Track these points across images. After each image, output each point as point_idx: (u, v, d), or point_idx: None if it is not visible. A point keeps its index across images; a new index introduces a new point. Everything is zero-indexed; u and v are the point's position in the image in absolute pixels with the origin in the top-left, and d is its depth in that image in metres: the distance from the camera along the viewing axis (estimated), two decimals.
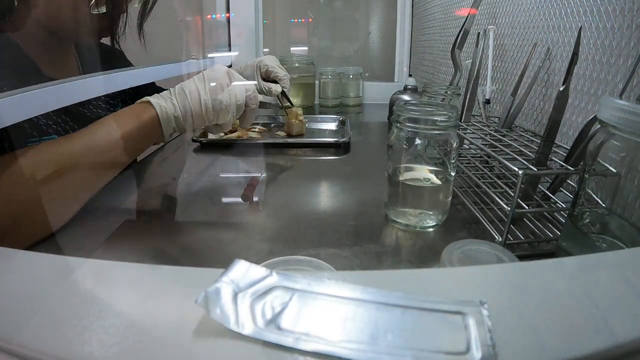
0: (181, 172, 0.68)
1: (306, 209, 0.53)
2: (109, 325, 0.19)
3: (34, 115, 0.42)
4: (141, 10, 0.63)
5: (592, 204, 0.32)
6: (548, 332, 0.19)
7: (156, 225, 0.50)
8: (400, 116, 0.43)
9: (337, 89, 1.22)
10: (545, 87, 0.61)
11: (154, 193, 0.60)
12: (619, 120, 0.28)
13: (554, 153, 0.47)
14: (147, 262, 0.24)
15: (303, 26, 1.52)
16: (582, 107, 0.52)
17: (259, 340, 0.18)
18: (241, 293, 0.20)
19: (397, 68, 1.36)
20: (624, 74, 0.45)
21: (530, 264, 0.25)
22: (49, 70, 0.56)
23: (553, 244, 0.41)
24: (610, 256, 0.27)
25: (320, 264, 0.31)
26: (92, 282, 0.23)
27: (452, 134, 0.43)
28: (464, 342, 0.17)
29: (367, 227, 0.47)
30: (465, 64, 0.77)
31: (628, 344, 0.18)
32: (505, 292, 0.22)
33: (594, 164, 0.31)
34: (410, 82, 1.02)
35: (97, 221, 0.49)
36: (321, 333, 0.18)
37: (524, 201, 0.41)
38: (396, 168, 0.46)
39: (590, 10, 0.51)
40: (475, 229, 0.46)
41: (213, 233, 0.47)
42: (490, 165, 0.59)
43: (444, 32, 1.07)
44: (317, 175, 0.67)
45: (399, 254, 0.42)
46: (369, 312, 0.19)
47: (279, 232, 0.46)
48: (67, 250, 0.43)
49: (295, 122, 0.84)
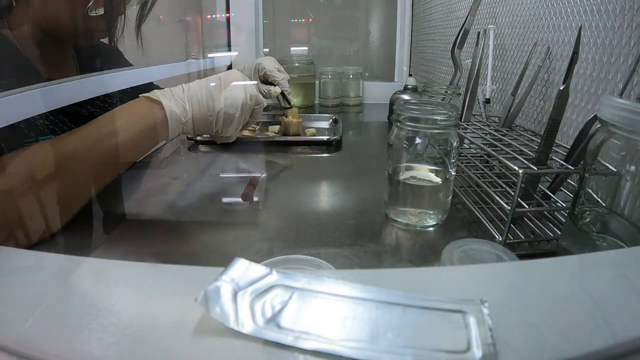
0: (179, 171, 0.68)
1: (305, 208, 0.53)
2: (109, 324, 0.19)
3: (32, 115, 0.42)
4: (139, 12, 0.63)
5: (592, 203, 0.32)
6: (548, 330, 0.19)
7: (156, 224, 0.50)
8: (401, 115, 0.43)
9: (337, 88, 1.22)
10: (545, 86, 0.61)
11: (153, 192, 0.60)
12: (619, 119, 0.28)
13: (554, 152, 0.47)
14: (146, 261, 0.24)
15: (303, 26, 1.52)
16: (583, 106, 0.52)
17: (259, 339, 0.18)
18: (241, 292, 0.20)
19: (397, 68, 1.36)
20: (624, 73, 0.45)
21: (530, 263, 0.25)
22: (48, 71, 0.56)
23: (553, 243, 0.41)
24: (611, 255, 0.27)
25: (320, 263, 0.31)
26: (92, 280, 0.23)
27: (452, 133, 0.43)
28: (465, 341, 0.17)
29: (367, 226, 0.47)
30: (465, 64, 0.77)
31: (628, 342, 0.18)
32: (505, 291, 0.22)
33: (594, 163, 0.31)
34: (411, 82, 1.02)
35: (97, 221, 0.49)
36: (321, 331, 0.18)
37: (524, 200, 0.41)
38: (396, 167, 0.46)
39: (591, 9, 0.51)
40: (475, 228, 0.46)
41: (213, 232, 0.47)
42: (490, 165, 0.59)
43: (444, 31, 1.07)
44: (314, 173, 0.67)
45: (399, 254, 0.42)
46: (369, 310, 0.19)
47: (278, 231, 0.46)
48: (67, 250, 0.43)
49: (293, 122, 0.85)
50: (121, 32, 0.61)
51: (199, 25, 1.30)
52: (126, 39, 0.64)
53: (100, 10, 0.54)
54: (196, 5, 1.30)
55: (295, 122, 0.85)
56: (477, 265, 0.30)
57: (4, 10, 0.53)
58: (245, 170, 0.70)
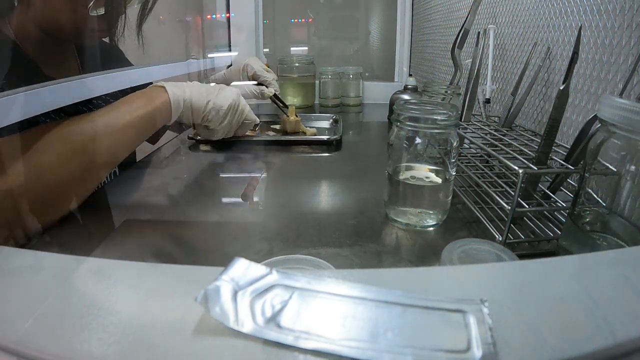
0: (179, 171, 0.68)
1: (305, 208, 0.53)
2: (109, 324, 0.19)
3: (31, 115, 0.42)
4: (140, 12, 0.63)
5: (592, 203, 0.32)
6: (548, 330, 0.19)
7: (156, 224, 0.50)
8: (401, 115, 0.43)
9: (337, 88, 1.22)
10: (545, 86, 0.61)
11: (154, 192, 0.60)
12: (619, 119, 0.28)
13: (554, 152, 0.47)
14: (146, 261, 0.24)
15: (303, 26, 1.52)
16: (583, 106, 0.52)
17: (259, 339, 0.18)
18: (241, 291, 0.20)
19: (397, 68, 1.36)
20: (624, 72, 0.45)
21: (530, 263, 0.25)
22: (49, 70, 0.57)
23: (553, 243, 0.41)
24: (611, 255, 0.27)
25: (320, 262, 0.30)
26: (92, 280, 0.23)
27: (452, 133, 0.43)
28: (465, 341, 0.17)
29: (367, 226, 0.47)
30: (465, 64, 0.77)
31: (628, 342, 0.18)
32: (505, 290, 0.22)
33: (594, 162, 0.31)
34: (411, 82, 1.02)
35: (97, 220, 0.49)
36: (321, 331, 0.18)
37: (525, 200, 0.41)
38: (396, 167, 0.46)
39: (591, 9, 0.51)
40: (475, 228, 0.46)
41: (213, 232, 0.47)
42: (490, 165, 0.59)
43: (444, 31, 1.07)
44: (314, 173, 0.67)
45: (399, 253, 0.42)
46: (369, 310, 0.19)
47: (278, 231, 0.46)
48: (67, 249, 0.43)
49: (291, 120, 0.85)
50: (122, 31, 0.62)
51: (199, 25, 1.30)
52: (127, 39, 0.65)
53: (101, 10, 0.54)
54: (196, 5, 1.30)
55: (293, 119, 0.85)
56: (477, 265, 0.30)
57: (6, 10, 0.54)
58: (245, 170, 0.70)
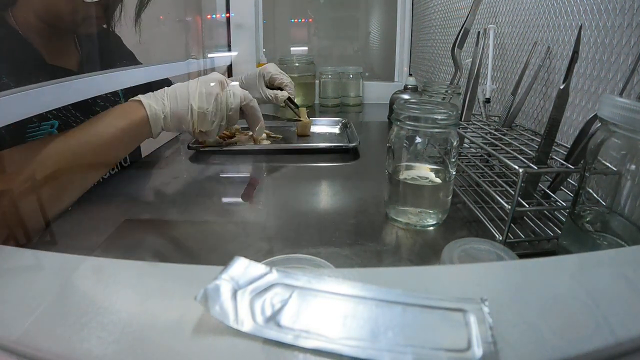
0: (179, 171, 0.68)
1: (305, 207, 0.53)
2: (108, 323, 0.19)
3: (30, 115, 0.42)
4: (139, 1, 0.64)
5: (592, 203, 0.32)
6: (549, 329, 0.19)
7: (156, 224, 0.50)
8: (401, 115, 0.43)
9: (337, 88, 1.22)
10: (545, 85, 0.61)
11: (154, 192, 0.60)
12: (620, 118, 0.28)
13: (555, 152, 0.47)
14: (146, 261, 0.24)
15: (303, 26, 1.52)
16: (583, 105, 0.52)
17: (259, 338, 0.18)
18: (241, 290, 0.20)
19: (397, 67, 1.36)
20: (624, 72, 0.45)
21: (531, 262, 0.25)
22: (52, 58, 0.58)
23: (554, 242, 0.41)
24: (611, 254, 0.27)
25: (320, 262, 0.30)
26: (91, 280, 0.23)
27: (453, 132, 0.43)
28: (465, 339, 0.17)
29: (367, 225, 0.47)
30: (465, 63, 0.77)
31: (628, 341, 0.18)
32: (506, 289, 0.22)
33: (595, 162, 0.31)
34: (411, 82, 1.02)
35: (97, 220, 0.49)
36: (321, 330, 0.18)
37: (525, 200, 0.40)
38: (396, 167, 0.46)
39: (590, 8, 0.51)
40: (475, 227, 0.46)
41: (213, 232, 0.47)
42: (490, 164, 0.59)
43: (444, 31, 1.07)
44: (314, 173, 0.67)
45: (399, 253, 0.41)
46: (369, 309, 0.19)
47: (278, 230, 0.46)
48: (67, 249, 0.43)
49: (302, 123, 0.85)
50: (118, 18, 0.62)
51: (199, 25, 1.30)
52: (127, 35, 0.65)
53: None
54: (196, 5, 1.30)
55: (305, 122, 0.85)
56: (478, 264, 0.30)
57: (9, 2, 0.55)
58: (245, 170, 0.70)
